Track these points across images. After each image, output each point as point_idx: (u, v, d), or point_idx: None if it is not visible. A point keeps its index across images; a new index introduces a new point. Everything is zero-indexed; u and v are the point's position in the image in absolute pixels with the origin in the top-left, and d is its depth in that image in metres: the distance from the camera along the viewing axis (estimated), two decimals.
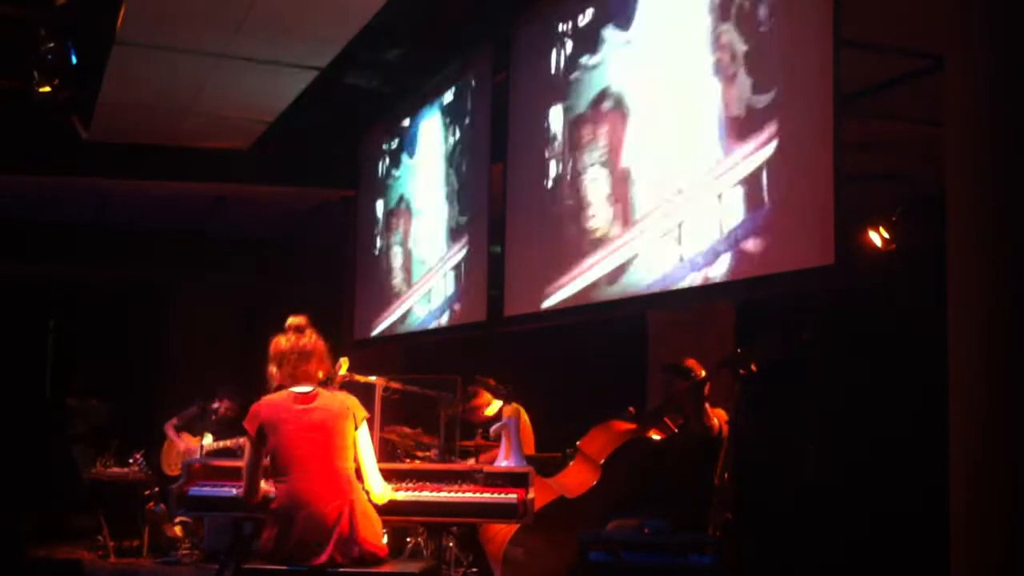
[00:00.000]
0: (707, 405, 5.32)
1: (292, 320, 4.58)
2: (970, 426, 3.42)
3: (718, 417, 5.39)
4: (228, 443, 8.46)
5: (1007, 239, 3.36)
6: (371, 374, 5.49)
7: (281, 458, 4.35)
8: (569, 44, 6.28)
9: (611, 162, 5.81)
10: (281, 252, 12.15)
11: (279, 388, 4.52)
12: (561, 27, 6.38)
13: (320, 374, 4.53)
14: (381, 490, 4.54)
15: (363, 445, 4.48)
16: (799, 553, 6.85)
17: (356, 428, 4.44)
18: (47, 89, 7.09)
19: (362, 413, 4.49)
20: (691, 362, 5.67)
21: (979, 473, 3.37)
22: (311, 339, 4.53)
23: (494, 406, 7.41)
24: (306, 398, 4.42)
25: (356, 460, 4.46)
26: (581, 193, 6.07)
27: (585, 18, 6.13)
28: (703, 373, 5.50)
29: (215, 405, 8.69)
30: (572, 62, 6.23)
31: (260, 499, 4.45)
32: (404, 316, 8.65)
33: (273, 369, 4.52)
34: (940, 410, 3.57)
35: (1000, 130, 3.44)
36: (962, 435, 3.45)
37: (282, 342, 4.51)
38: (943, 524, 3.51)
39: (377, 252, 9.39)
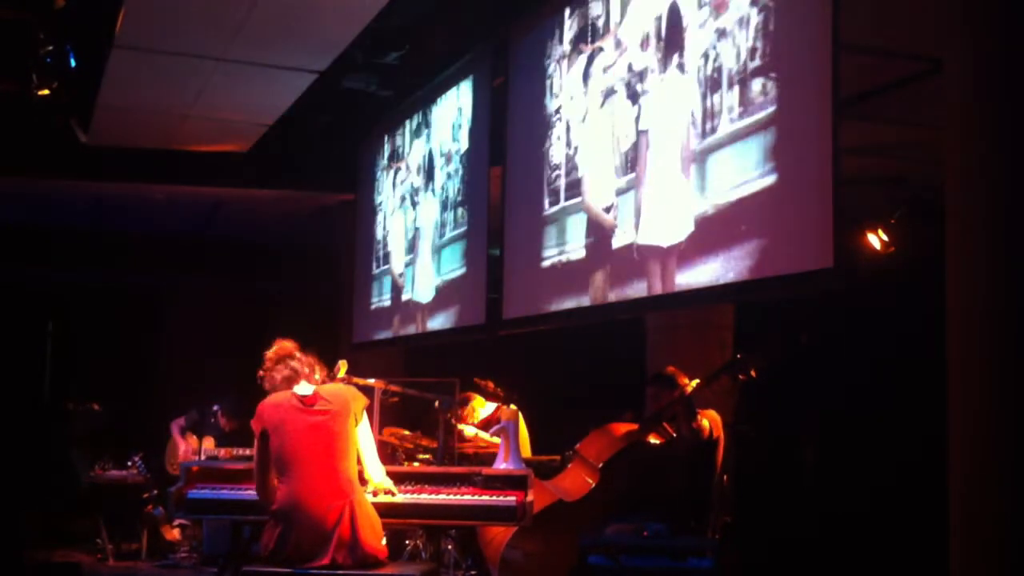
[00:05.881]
0: (695, 412, 5.32)
1: (281, 347, 4.60)
2: (969, 428, 3.42)
3: (710, 420, 5.39)
4: (230, 452, 8.45)
5: (1006, 242, 3.37)
6: (370, 377, 5.49)
7: (282, 459, 4.36)
8: (567, 48, 6.29)
9: (609, 166, 5.81)
10: (280, 256, 12.15)
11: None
12: (560, 31, 6.39)
13: (317, 377, 4.55)
14: (380, 478, 4.57)
15: (363, 437, 4.51)
16: (798, 556, 6.85)
17: (357, 424, 4.46)
18: (46, 92, 7.10)
19: (361, 405, 4.50)
20: (672, 369, 5.69)
21: (978, 474, 3.37)
22: (300, 362, 4.54)
23: (487, 407, 7.40)
24: (308, 399, 4.43)
25: (358, 457, 4.48)
26: (580, 196, 6.07)
27: (584, 22, 6.13)
28: (686, 379, 5.51)
29: (214, 408, 8.69)
30: (570, 65, 6.24)
31: (273, 498, 4.46)
32: (403, 319, 8.65)
33: (269, 388, 4.56)
34: (939, 413, 3.58)
35: (999, 133, 3.45)
36: (961, 437, 3.45)
37: (271, 369, 4.54)
38: (942, 526, 3.51)
39: (376, 255, 9.39)
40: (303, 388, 4.46)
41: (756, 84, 4.66)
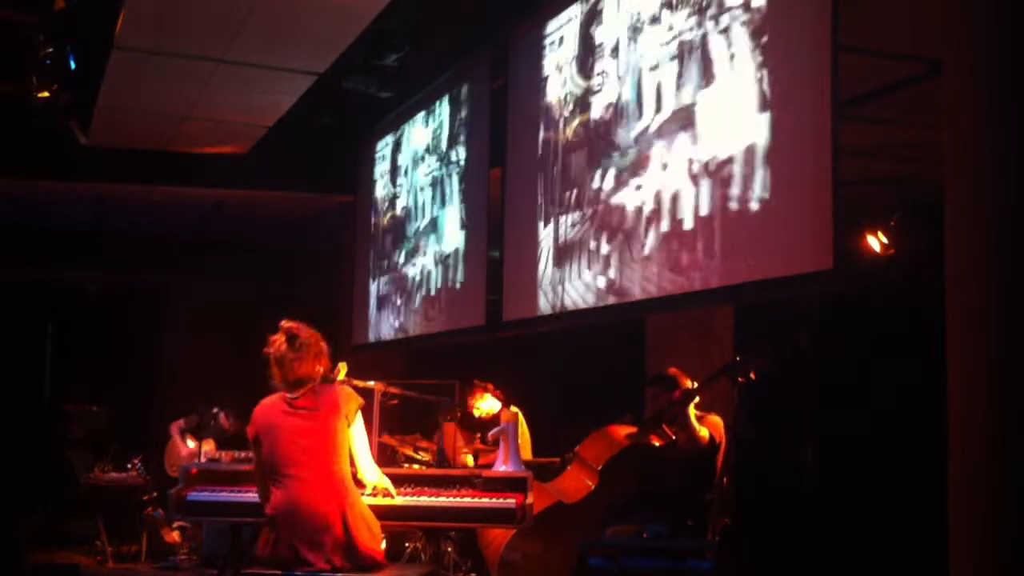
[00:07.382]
0: (693, 419, 5.29)
1: (284, 322, 4.54)
2: (969, 428, 3.42)
3: (711, 425, 5.37)
4: (231, 455, 8.43)
5: (1005, 243, 3.36)
6: (369, 379, 5.48)
7: (275, 463, 4.34)
8: (566, 49, 6.29)
9: (609, 166, 5.81)
10: (279, 257, 12.15)
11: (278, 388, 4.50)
12: (558, 32, 6.39)
13: (319, 369, 4.48)
14: (375, 478, 4.52)
15: (356, 437, 4.43)
16: (798, 558, 6.85)
17: (350, 426, 4.41)
18: (46, 94, 7.10)
19: (355, 406, 4.42)
20: (674, 370, 5.66)
21: (978, 476, 3.37)
22: (305, 336, 4.47)
23: (491, 406, 7.39)
24: (298, 402, 4.39)
25: (351, 458, 4.44)
26: (580, 197, 6.07)
27: (582, 24, 6.13)
28: (688, 381, 5.50)
29: (215, 410, 8.68)
30: (569, 66, 6.24)
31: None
32: (403, 320, 8.65)
33: (275, 370, 4.52)
34: (939, 414, 3.57)
35: (998, 134, 3.44)
36: (961, 439, 3.45)
37: (276, 342, 4.47)
38: (942, 527, 3.51)
39: (375, 256, 9.39)
40: (295, 389, 4.43)
41: (757, 85, 4.66)
